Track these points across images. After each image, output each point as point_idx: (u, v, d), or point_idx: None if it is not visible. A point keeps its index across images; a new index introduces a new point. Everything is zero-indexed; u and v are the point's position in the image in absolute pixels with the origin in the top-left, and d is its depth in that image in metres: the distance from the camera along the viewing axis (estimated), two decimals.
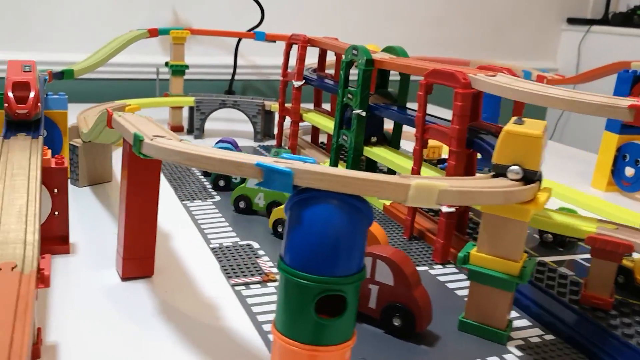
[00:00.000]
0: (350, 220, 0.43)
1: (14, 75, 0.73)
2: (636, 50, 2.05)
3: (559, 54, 2.39)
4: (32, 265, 0.47)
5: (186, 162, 0.48)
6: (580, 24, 2.29)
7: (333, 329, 0.44)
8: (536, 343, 0.58)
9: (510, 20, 2.23)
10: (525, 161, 0.55)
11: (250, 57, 1.87)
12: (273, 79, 1.92)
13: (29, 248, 0.50)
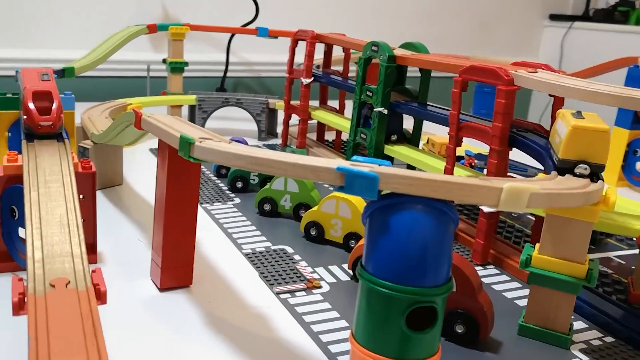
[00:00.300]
0: (439, 225, 0.40)
1: (32, 85, 0.66)
2: (617, 46, 2.07)
3: (541, 50, 2.40)
4: (85, 281, 0.43)
5: (252, 166, 0.44)
6: (563, 20, 2.30)
7: (421, 342, 0.41)
8: (598, 346, 0.57)
9: (495, 17, 2.23)
10: (591, 155, 0.54)
11: (241, 53, 1.82)
12: (265, 75, 1.88)
13: (78, 261, 0.46)
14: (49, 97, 0.64)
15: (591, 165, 0.54)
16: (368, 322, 0.42)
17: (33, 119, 0.61)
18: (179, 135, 0.51)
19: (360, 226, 0.71)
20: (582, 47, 2.23)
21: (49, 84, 0.67)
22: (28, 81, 0.68)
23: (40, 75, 0.70)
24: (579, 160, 0.55)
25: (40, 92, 0.64)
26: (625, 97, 0.59)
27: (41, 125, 0.61)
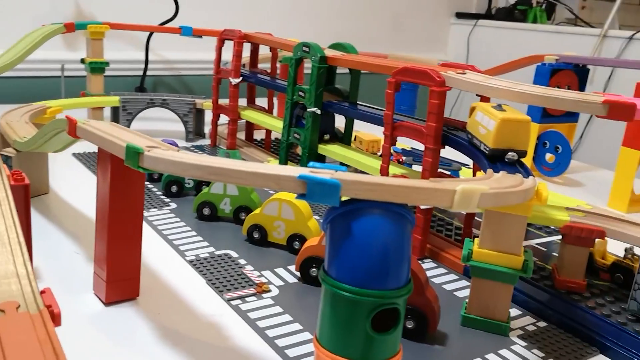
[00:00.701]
0: (399, 229, 0.41)
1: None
2: (518, 42, 2.19)
3: (449, 46, 2.49)
4: (37, 303, 0.41)
5: (210, 177, 0.44)
6: (468, 18, 2.41)
7: (385, 343, 0.42)
8: (533, 331, 0.60)
9: (405, 15, 2.30)
10: (517, 143, 0.62)
11: (160, 52, 1.77)
12: (185, 74, 1.84)
13: (25, 282, 0.43)
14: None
15: (517, 152, 0.61)
16: (332, 326, 0.42)
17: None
18: (125, 144, 0.49)
19: (303, 227, 0.71)
20: (487, 44, 2.34)
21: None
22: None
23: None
24: (507, 148, 0.62)
25: None
26: (549, 97, 0.63)
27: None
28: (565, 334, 0.60)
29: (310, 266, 0.64)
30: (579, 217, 0.68)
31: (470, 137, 0.69)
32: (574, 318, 0.61)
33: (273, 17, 1.93)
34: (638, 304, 0.63)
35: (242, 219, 0.79)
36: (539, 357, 0.55)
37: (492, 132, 0.62)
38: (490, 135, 0.63)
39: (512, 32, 2.27)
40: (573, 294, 0.67)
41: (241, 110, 1.14)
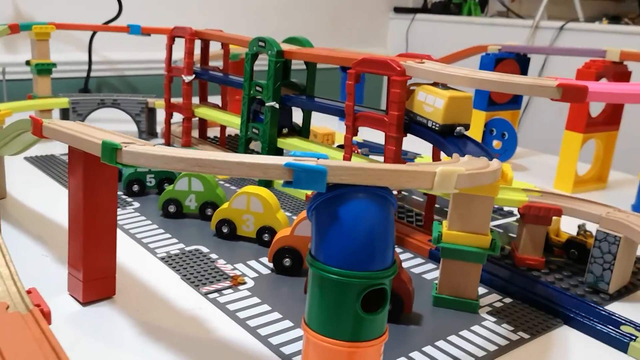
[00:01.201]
0: (383, 211, 0.43)
1: None
2: (454, 35, 2.26)
3: (389, 40, 2.54)
4: (25, 303, 0.40)
5: (194, 168, 0.44)
6: (405, 13, 2.46)
7: (374, 324, 0.43)
8: (500, 307, 0.63)
9: (345, 10, 2.32)
10: (461, 118, 0.70)
11: (103, 52, 1.73)
12: (128, 74, 1.80)
13: (10, 283, 0.42)
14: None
15: (463, 125, 0.70)
16: (322, 309, 0.43)
17: None
18: (101, 141, 0.48)
19: (272, 220, 0.72)
20: (425, 37, 2.40)
21: None
22: None
23: None
24: (454, 123, 0.70)
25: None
26: (506, 83, 0.65)
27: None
28: (530, 308, 0.63)
29: (283, 256, 0.65)
30: (535, 197, 0.72)
31: (412, 116, 0.73)
32: (537, 293, 0.65)
33: (211, 12, 1.90)
34: (594, 276, 0.67)
35: (209, 214, 0.78)
36: (509, 330, 0.58)
37: (440, 109, 0.69)
38: (439, 112, 0.69)
39: (449, 26, 2.34)
40: (533, 270, 0.70)
41: (195, 108, 1.13)
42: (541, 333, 0.58)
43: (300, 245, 0.65)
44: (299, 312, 0.58)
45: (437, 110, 0.70)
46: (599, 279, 0.66)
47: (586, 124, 1.05)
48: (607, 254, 0.65)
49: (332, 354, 0.43)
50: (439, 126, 0.69)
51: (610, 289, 0.66)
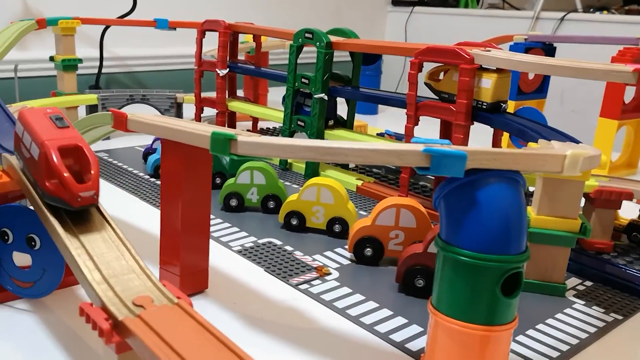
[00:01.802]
0: (518, 194, 0.43)
1: (50, 135, 0.45)
2: (452, 27, 2.27)
3: (387, 33, 2.55)
4: (167, 295, 0.39)
5: (324, 157, 0.43)
6: (404, 6, 2.47)
7: (509, 308, 0.43)
8: (584, 290, 0.63)
9: (343, 3, 2.32)
10: (504, 95, 0.75)
11: (111, 49, 1.70)
12: (136, 70, 1.78)
13: (144, 277, 0.41)
14: (78, 153, 0.46)
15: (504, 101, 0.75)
16: (455, 293, 0.43)
17: (71, 191, 0.43)
18: (211, 132, 0.48)
19: (343, 210, 0.71)
20: (423, 30, 2.41)
21: (71, 132, 0.47)
22: (41, 129, 0.46)
23: (53, 118, 0.48)
24: (499, 100, 0.74)
25: (67, 147, 0.45)
26: (580, 69, 0.66)
27: (81, 197, 0.44)
28: (612, 290, 0.64)
29: (364, 246, 0.65)
30: (604, 181, 0.72)
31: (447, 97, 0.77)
32: (616, 275, 0.65)
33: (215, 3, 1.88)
34: None
35: (271, 207, 0.78)
36: (600, 312, 0.59)
37: (489, 88, 0.73)
38: (487, 91, 0.73)
39: (447, 18, 2.35)
40: (602, 254, 0.71)
41: (227, 102, 1.12)
42: (632, 314, 0.59)
43: (381, 235, 0.65)
44: (394, 300, 0.58)
45: (485, 90, 0.73)
46: None
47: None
48: None
49: (464, 337, 0.43)
50: (488, 104, 0.73)
51: None
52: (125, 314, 0.37)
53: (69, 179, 0.44)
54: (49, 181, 0.44)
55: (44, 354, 0.46)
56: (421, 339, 0.52)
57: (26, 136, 0.47)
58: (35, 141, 0.45)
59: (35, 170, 0.46)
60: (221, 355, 0.34)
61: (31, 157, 0.46)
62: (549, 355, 0.51)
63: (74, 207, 0.44)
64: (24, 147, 0.47)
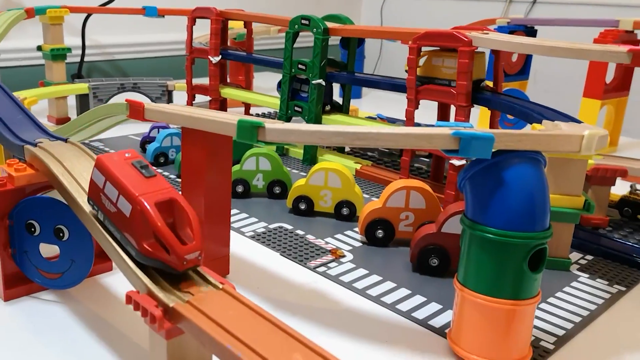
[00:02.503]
0: (541, 174, 0.44)
1: (142, 189, 0.40)
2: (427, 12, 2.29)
3: (362, 17, 2.55)
4: (209, 280, 0.40)
5: (354, 142, 0.44)
6: None
7: (534, 282, 0.45)
8: (586, 264, 0.66)
9: None
10: (481, 73, 0.78)
11: (93, 37, 1.67)
12: (119, 58, 1.75)
13: None
14: (172, 206, 0.40)
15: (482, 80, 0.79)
16: (482, 269, 0.44)
17: (178, 254, 0.38)
18: (237, 120, 0.48)
19: (351, 194, 0.72)
20: (399, 14, 2.41)
21: (161, 182, 0.41)
22: (129, 181, 0.40)
23: (137, 167, 0.42)
24: (477, 79, 0.77)
25: (163, 202, 0.40)
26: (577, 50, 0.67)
27: (187, 261, 0.39)
28: (612, 263, 0.66)
29: (376, 228, 0.66)
30: (599, 159, 0.75)
31: (427, 80, 0.79)
32: (616, 248, 0.68)
33: None
34: None
35: (276, 192, 0.78)
36: (605, 284, 0.61)
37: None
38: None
39: (421, 2, 2.36)
40: (598, 229, 0.74)
41: (220, 89, 1.11)
42: (634, 284, 0.61)
43: (391, 217, 0.66)
44: (410, 280, 0.59)
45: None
46: None
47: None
48: None
49: (492, 311, 0.45)
50: (476, 82, 0.77)
51: None
52: (175, 300, 0.37)
53: (174, 242, 0.38)
54: (146, 241, 0.39)
55: (80, 346, 0.46)
56: (442, 315, 0.53)
57: (110, 188, 0.41)
58: (126, 196, 0.39)
59: (124, 227, 0.40)
60: (276, 336, 0.34)
61: (118, 212, 0.40)
62: (564, 327, 0.53)
63: (178, 270, 0.39)
64: (107, 199, 0.41)
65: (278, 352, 0.33)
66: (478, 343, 0.46)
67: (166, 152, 0.92)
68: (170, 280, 0.40)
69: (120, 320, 0.50)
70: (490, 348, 0.45)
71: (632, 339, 0.52)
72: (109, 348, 0.46)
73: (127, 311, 0.51)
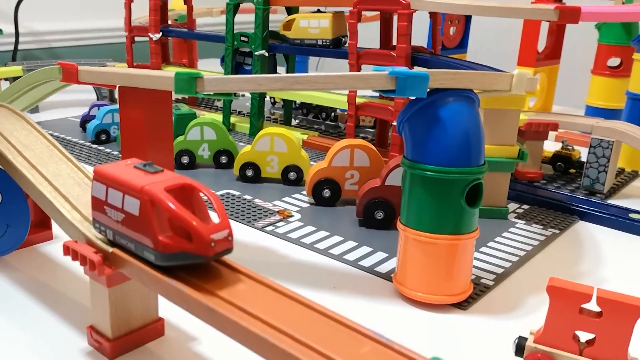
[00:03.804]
0: (475, 111, 0.45)
1: (148, 180, 0.35)
2: None
3: None
4: None
5: (294, 86, 0.43)
6: None
7: (472, 217, 0.46)
8: (523, 212, 0.68)
9: None
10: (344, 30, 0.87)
11: (27, 23, 1.60)
12: (56, 46, 1.69)
13: None
14: (186, 194, 0.36)
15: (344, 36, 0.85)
16: (423, 208, 0.45)
17: (202, 237, 0.32)
18: (174, 73, 0.47)
19: (297, 158, 0.72)
20: None
21: (169, 174, 0.36)
22: (133, 178, 0.35)
23: (139, 166, 0.37)
24: (339, 35, 0.86)
25: (174, 188, 0.35)
26: (508, 9, 0.69)
27: (215, 242, 0.33)
28: (547, 210, 0.68)
29: (322, 188, 0.66)
30: (532, 115, 0.77)
31: (299, 42, 0.88)
32: (550, 197, 0.70)
33: None
34: (590, 179, 0.73)
35: (223, 162, 0.77)
36: (540, 228, 0.63)
37: (328, 27, 0.85)
38: (327, 29, 0.85)
39: None
40: (534, 182, 0.76)
41: (163, 68, 1.09)
42: (567, 227, 0.64)
43: (337, 176, 0.66)
44: (357, 233, 0.60)
45: (325, 28, 0.85)
46: (594, 181, 0.73)
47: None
48: (601, 157, 0.72)
49: (434, 248, 0.45)
50: (329, 40, 0.85)
51: (605, 189, 0.73)
52: (114, 247, 0.36)
53: (196, 222, 0.32)
54: (163, 236, 0.33)
55: (23, 313, 0.44)
56: (388, 262, 0.54)
57: (114, 193, 0.36)
58: (131, 192, 0.34)
59: (136, 230, 0.34)
60: (216, 268, 0.34)
61: (127, 216, 0.35)
62: (502, 266, 0.54)
63: (208, 257, 0.33)
64: (113, 209, 0.36)
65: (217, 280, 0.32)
66: (422, 281, 0.46)
67: (107, 129, 0.90)
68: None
69: (63, 285, 0.48)
70: (433, 284, 0.46)
71: (564, 274, 0.53)
72: (53, 312, 0.44)
73: (70, 276, 0.49)
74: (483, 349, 0.42)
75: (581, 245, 0.60)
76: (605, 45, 1.05)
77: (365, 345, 0.27)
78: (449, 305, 0.47)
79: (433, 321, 0.45)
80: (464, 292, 0.47)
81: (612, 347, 0.34)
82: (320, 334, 0.28)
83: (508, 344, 0.41)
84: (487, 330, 0.44)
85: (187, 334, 0.42)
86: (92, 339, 0.40)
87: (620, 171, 0.82)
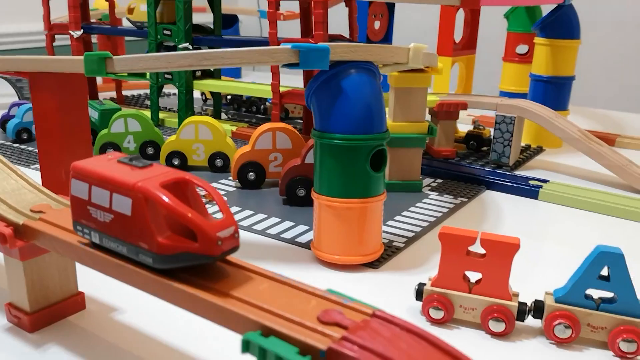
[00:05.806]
0: (376, 82, 0.48)
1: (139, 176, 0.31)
2: None
3: None
4: (61, 202, 0.39)
5: (202, 62, 0.45)
6: None
7: (378, 181, 0.48)
8: (437, 185, 0.71)
9: None
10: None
11: None
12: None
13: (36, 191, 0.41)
14: (182, 190, 0.32)
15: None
16: (333, 175, 0.47)
17: (207, 235, 0.29)
18: (83, 55, 0.47)
19: (223, 145, 0.73)
20: None
21: (161, 168, 0.32)
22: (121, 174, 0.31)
23: (125, 161, 0.33)
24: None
25: (170, 183, 0.31)
26: None
27: (222, 240, 0.30)
28: (458, 182, 0.72)
29: (247, 172, 0.67)
30: (444, 97, 0.81)
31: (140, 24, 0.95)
32: (461, 171, 0.74)
33: None
34: (497, 153, 0.78)
35: (150, 153, 0.77)
36: (450, 198, 0.67)
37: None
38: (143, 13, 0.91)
39: None
40: (448, 159, 0.80)
41: None
42: (475, 196, 0.68)
43: (261, 159, 0.67)
44: (281, 210, 0.62)
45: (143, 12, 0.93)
46: (501, 155, 0.78)
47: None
48: (505, 132, 0.77)
49: (345, 212, 0.48)
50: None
51: (510, 162, 0.77)
52: (25, 220, 0.36)
53: (199, 219, 0.29)
54: (161, 236, 0.30)
55: None
56: (309, 234, 0.56)
57: (98, 192, 0.32)
58: (122, 190, 0.30)
59: (129, 232, 0.31)
60: None
61: (117, 216, 0.31)
62: (413, 231, 0.57)
63: (215, 256, 0.30)
64: (98, 208, 0.32)
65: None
66: (337, 244, 0.49)
67: (28, 127, 0.88)
68: (22, 204, 0.38)
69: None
70: (347, 247, 0.48)
71: None
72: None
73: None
74: (391, 299, 0.45)
75: (486, 209, 0.64)
76: (513, 33, 1.10)
77: (263, 282, 0.29)
78: (362, 265, 0.49)
79: (348, 280, 0.47)
80: (375, 252, 0.49)
81: (495, 283, 0.37)
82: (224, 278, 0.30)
83: (413, 293, 0.44)
84: (395, 284, 0.47)
85: (109, 305, 0.43)
86: (10, 315, 0.40)
87: (526, 147, 0.88)
